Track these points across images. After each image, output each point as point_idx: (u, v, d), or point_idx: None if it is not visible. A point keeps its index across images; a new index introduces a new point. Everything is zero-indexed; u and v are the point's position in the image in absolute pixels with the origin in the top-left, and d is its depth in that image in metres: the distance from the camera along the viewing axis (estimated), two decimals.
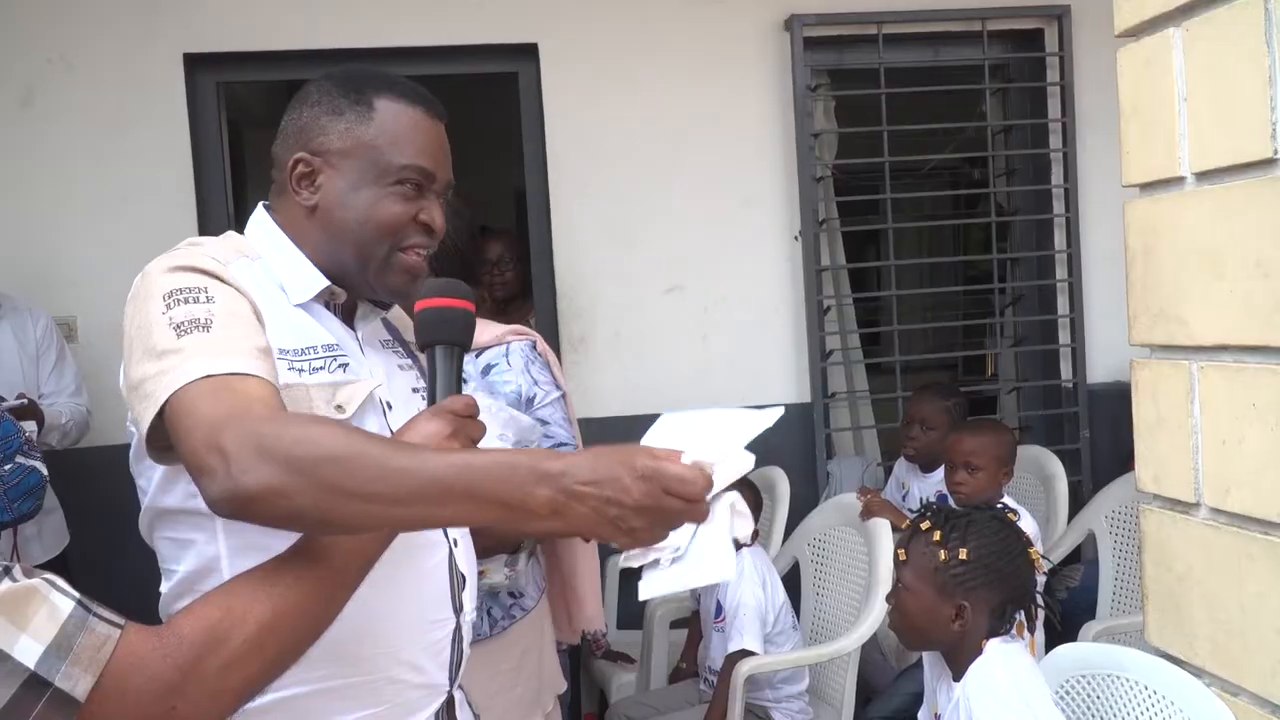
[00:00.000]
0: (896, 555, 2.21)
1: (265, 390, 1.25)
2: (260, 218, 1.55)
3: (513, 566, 2.30)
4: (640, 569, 1.28)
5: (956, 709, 2.04)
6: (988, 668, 2.02)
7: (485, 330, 2.33)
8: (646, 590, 1.27)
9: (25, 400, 3.29)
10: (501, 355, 2.40)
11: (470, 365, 2.33)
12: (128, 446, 1.44)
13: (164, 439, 1.28)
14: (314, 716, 1.41)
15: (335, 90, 1.51)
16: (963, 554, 2.09)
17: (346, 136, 1.48)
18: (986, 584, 2.09)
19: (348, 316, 1.56)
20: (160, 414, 1.25)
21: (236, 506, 1.15)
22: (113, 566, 1.49)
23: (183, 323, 1.28)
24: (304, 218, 1.51)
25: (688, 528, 1.26)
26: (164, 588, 1.45)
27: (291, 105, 1.55)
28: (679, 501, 1.12)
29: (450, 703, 1.56)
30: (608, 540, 1.18)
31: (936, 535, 2.14)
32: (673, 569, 1.26)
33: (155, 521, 1.45)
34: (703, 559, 1.24)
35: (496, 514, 1.15)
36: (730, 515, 1.25)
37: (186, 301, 1.30)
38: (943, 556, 2.10)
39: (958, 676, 2.08)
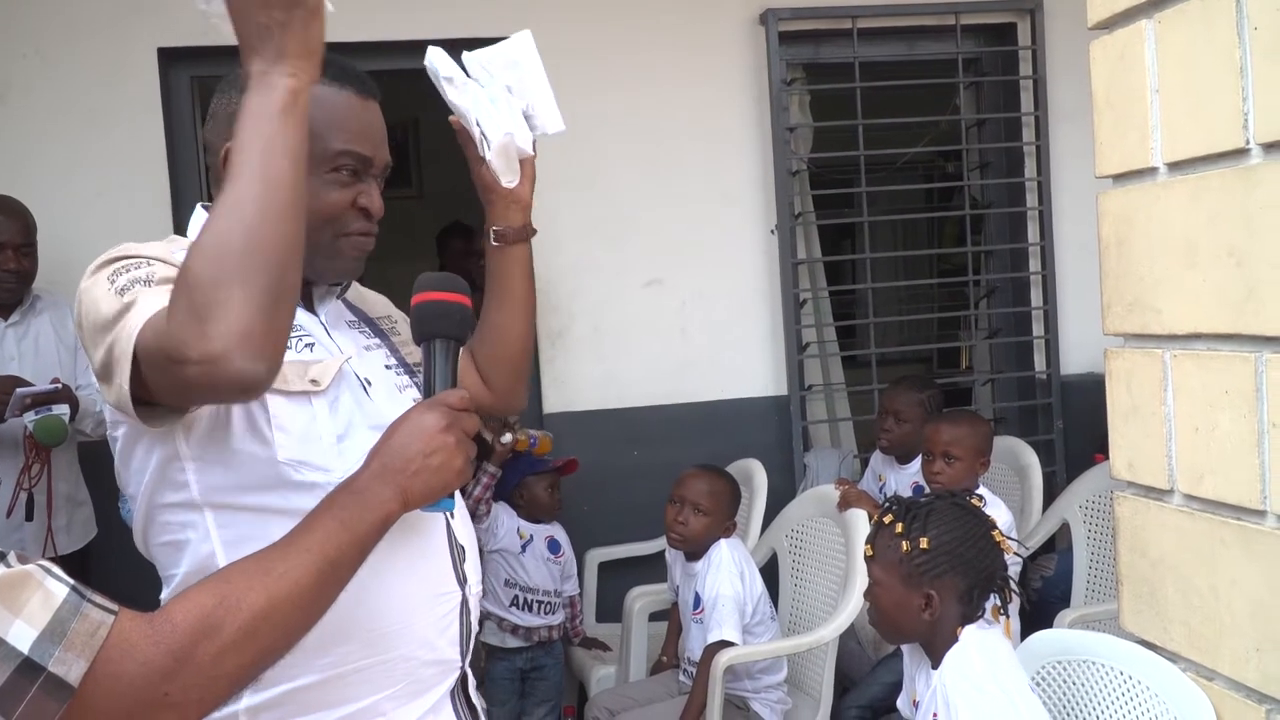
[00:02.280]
0: (865, 551, 2.23)
1: None
2: (200, 217, 1.53)
3: None
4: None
5: (934, 696, 2.06)
6: (964, 654, 2.04)
7: None
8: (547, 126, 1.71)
9: (60, 385, 3.32)
10: None
11: None
12: None
13: (143, 395, 1.27)
14: (328, 704, 1.41)
15: None
16: (923, 543, 2.11)
17: None
18: (951, 571, 2.11)
19: (307, 303, 1.55)
20: (136, 379, 1.23)
21: (250, 356, 1.13)
22: (134, 562, 1.49)
23: (125, 285, 1.28)
24: None
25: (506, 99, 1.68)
26: (165, 594, 1.45)
27: (220, 88, 1.52)
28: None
29: (464, 679, 1.55)
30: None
31: (898, 527, 2.16)
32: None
33: (149, 526, 1.44)
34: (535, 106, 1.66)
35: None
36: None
37: (127, 270, 1.31)
38: (905, 548, 2.12)
39: (936, 664, 2.10)
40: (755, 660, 3.15)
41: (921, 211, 6.31)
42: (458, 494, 1.37)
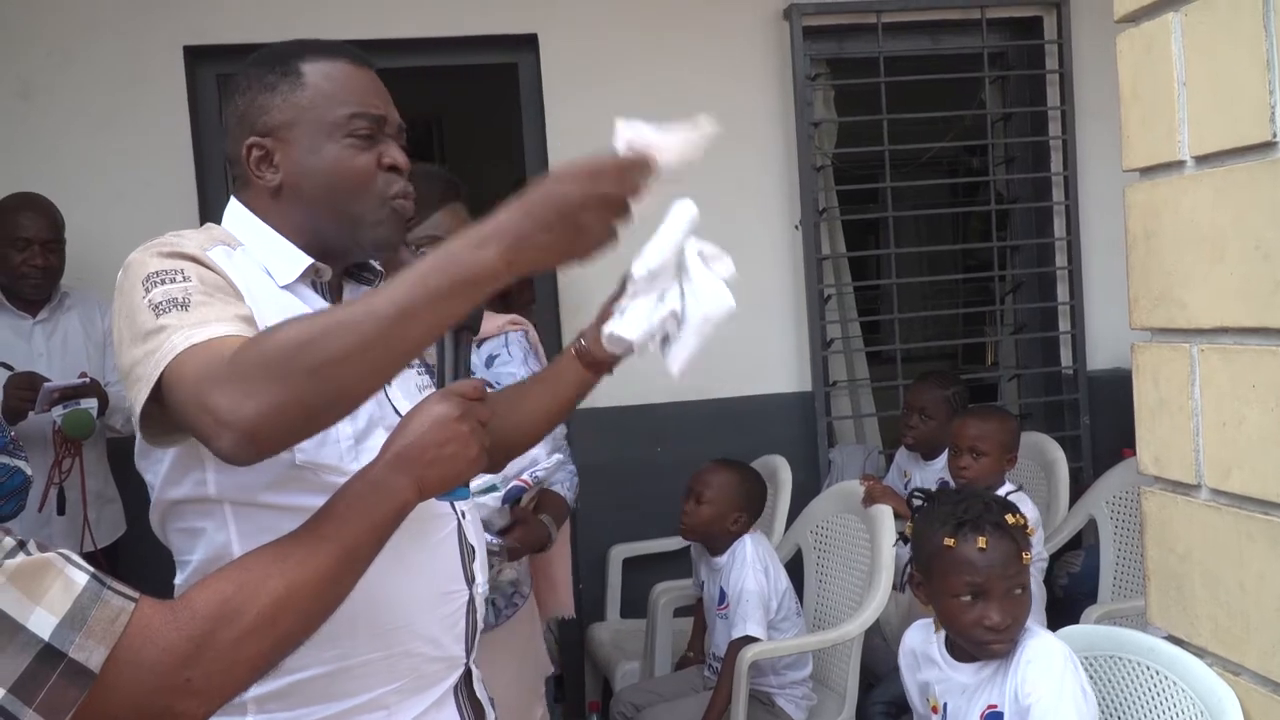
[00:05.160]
0: (1020, 559, 2.06)
1: (239, 343, 1.26)
2: (235, 208, 1.56)
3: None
4: (663, 351, 1.42)
5: (999, 691, 2.00)
6: (1045, 645, 1.98)
7: (486, 321, 2.38)
8: (677, 364, 1.35)
9: (88, 379, 3.36)
10: (502, 345, 2.47)
11: (474, 356, 2.39)
12: None
13: (157, 425, 1.31)
14: (333, 696, 1.42)
15: (261, 71, 1.52)
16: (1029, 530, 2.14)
17: (286, 108, 1.50)
18: None
19: (336, 296, 1.57)
20: (154, 398, 1.27)
21: (251, 446, 1.18)
22: (163, 560, 1.51)
23: (161, 303, 1.29)
24: (273, 200, 1.52)
25: (674, 292, 1.39)
26: (178, 579, 1.47)
27: (226, 100, 1.57)
28: (612, 179, 1.20)
29: (468, 676, 1.57)
30: (579, 258, 1.23)
31: (1027, 526, 2.12)
32: (685, 331, 1.37)
33: (166, 515, 1.46)
34: (703, 305, 1.34)
35: (465, 298, 1.18)
36: (704, 260, 1.40)
37: (163, 282, 1.32)
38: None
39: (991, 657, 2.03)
40: (780, 656, 3.15)
41: (946, 207, 6.29)
42: (471, 485, 1.38)
